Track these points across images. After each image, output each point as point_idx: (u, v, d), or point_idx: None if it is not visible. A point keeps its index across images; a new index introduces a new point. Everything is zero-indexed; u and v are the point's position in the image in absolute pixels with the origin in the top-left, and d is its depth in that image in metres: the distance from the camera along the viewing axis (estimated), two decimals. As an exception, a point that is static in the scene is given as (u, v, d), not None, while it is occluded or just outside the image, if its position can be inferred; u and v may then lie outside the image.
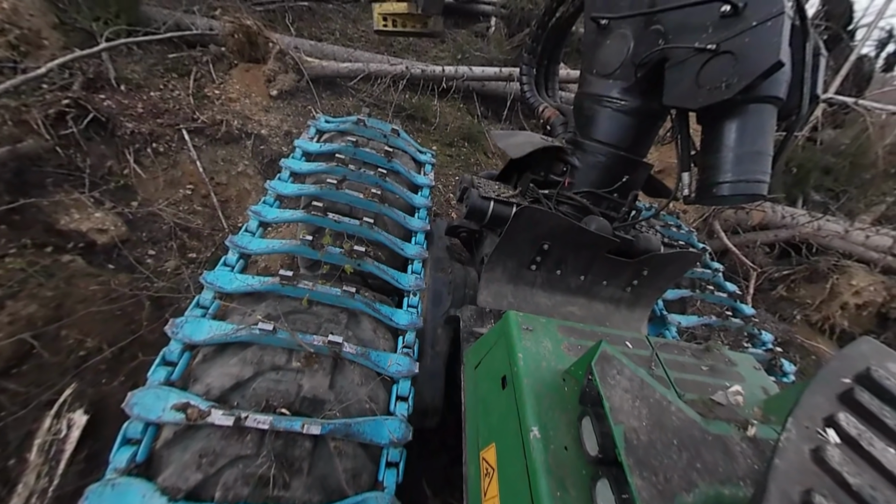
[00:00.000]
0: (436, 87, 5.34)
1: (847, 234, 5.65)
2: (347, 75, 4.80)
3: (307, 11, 5.96)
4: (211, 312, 1.41)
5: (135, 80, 3.82)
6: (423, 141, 5.03)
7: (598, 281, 1.90)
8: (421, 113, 5.23)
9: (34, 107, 3.11)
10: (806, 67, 1.28)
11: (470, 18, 8.42)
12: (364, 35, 6.46)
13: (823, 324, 4.55)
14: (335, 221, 1.80)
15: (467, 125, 5.47)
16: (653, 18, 1.47)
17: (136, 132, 3.53)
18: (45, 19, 3.66)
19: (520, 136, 2.09)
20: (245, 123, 4.04)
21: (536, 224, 1.65)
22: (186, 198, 3.63)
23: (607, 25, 1.69)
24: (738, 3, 1.18)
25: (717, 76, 1.24)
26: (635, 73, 1.56)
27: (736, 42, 1.19)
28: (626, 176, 1.81)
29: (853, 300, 4.33)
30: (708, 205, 1.60)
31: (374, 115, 4.88)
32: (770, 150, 1.33)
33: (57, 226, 2.74)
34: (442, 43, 7.37)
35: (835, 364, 0.92)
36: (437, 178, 4.55)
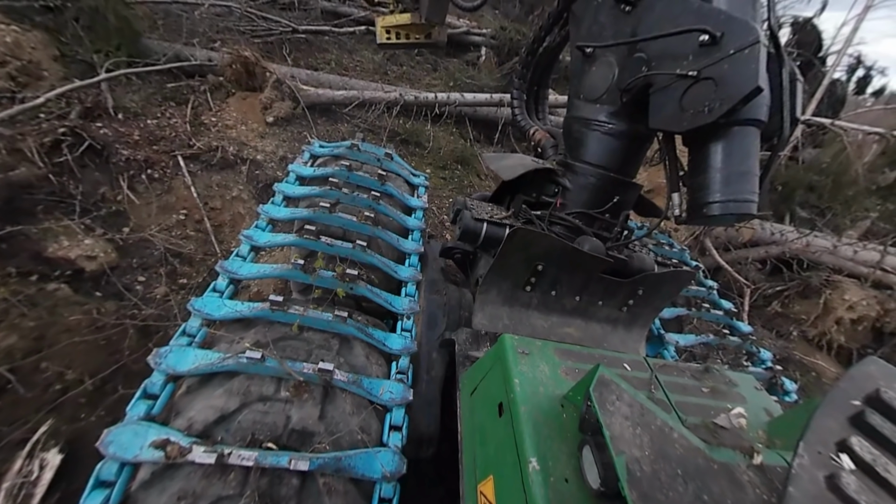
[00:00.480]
0: (429, 112, 5.49)
1: (836, 249, 5.74)
2: (342, 102, 4.93)
3: (304, 43, 6.18)
4: (197, 341, 1.36)
5: (132, 109, 3.88)
6: (416, 164, 5.11)
7: (594, 301, 1.89)
8: (415, 137, 5.34)
9: (29, 135, 3.13)
10: (784, 92, 1.33)
11: (461, 48, 8.79)
12: (359, 64, 6.69)
13: (820, 339, 4.53)
14: (328, 245, 1.78)
15: (460, 149, 5.58)
16: (636, 47, 1.52)
17: (131, 159, 3.55)
18: (46, 52, 3.74)
19: (512, 159, 2.12)
20: (241, 149, 4.09)
21: (530, 245, 1.66)
22: (179, 223, 3.61)
23: (592, 53, 1.75)
24: (715, 33, 1.22)
25: (699, 101, 1.27)
26: (621, 98, 1.60)
27: (716, 69, 1.23)
28: (617, 196, 1.83)
29: (848, 315, 4.34)
30: (699, 224, 1.62)
31: (368, 139, 4.98)
32: (756, 170, 1.36)
33: (44, 253, 2.70)
34: (434, 71, 7.65)
35: (843, 385, 0.90)
36: (431, 201, 4.59)
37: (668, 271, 1.94)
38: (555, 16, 2.05)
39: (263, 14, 5.84)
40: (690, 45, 1.29)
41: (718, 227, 5.32)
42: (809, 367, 4.47)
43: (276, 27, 5.79)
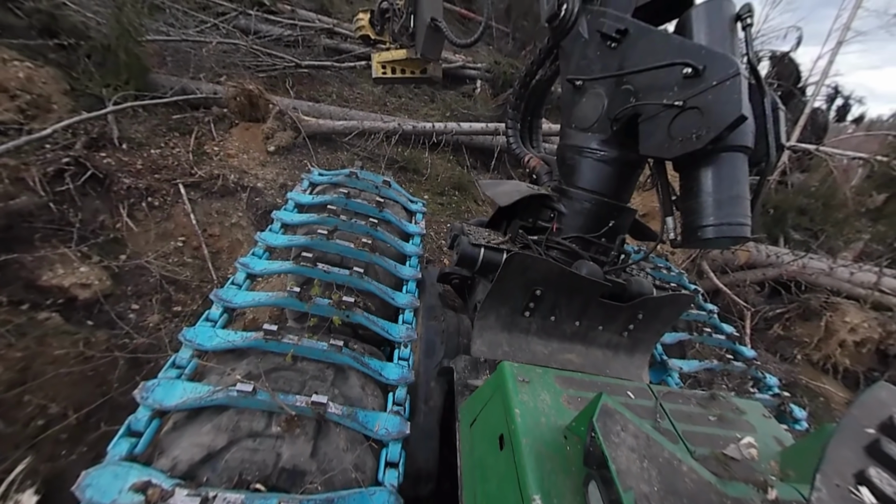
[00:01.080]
0: (426, 141, 5.64)
1: (832, 271, 5.77)
2: (342, 132, 5.07)
3: (306, 77, 6.43)
4: (187, 373, 1.32)
5: (137, 140, 3.97)
6: (414, 190, 5.19)
7: (594, 326, 1.88)
8: (413, 165, 5.46)
9: (33, 165, 3.18)
10: (767, 120, 1.38)
11: (458, 81, 9.17)
12: (359, 97, 6.94)
13: (825, 363, 4.45)
14: (324, 272, 1.77)
15: (457, 175, 5.70)
16: (623, 79, 1.57)
17: (132, 187, 3.60)
18: (57, 86, 3.87)
19: (507, 185, 2.14)
20: (241, 177, 4.16)
21: (527, 269, 1.65)
22: (177, 250, 3.61)
23: (582, 86, 1.81)
24: (697, 66, 1.28)
25: (687, 129, 1.32)
26: (611, 127, 1.64)
27: (700, 99, 1.28)
28: (612, 221, 1.85)
29: (850, 338, 4.29)
30: (695, 248, 1.60)
31: (367, 166, 5.08)
32: (747, 195, 1.39)
33: (38, 282, 2.67)
34: (432, 102, 7.93)
35: (855, 413, 0.88)
36: (429, 226, 4.62)
37: (667, 295, 1.94)
38: (546, 51, 2.14)
39: (268, 51, 6.11)
40: (675, 77, 1.34)
41: (714, 251, 5.36)
42: (817, 392, 4.37)
43: (280, 62, 6.04)
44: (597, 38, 1.69)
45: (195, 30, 5.76)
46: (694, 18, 1.44)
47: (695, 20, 1.43)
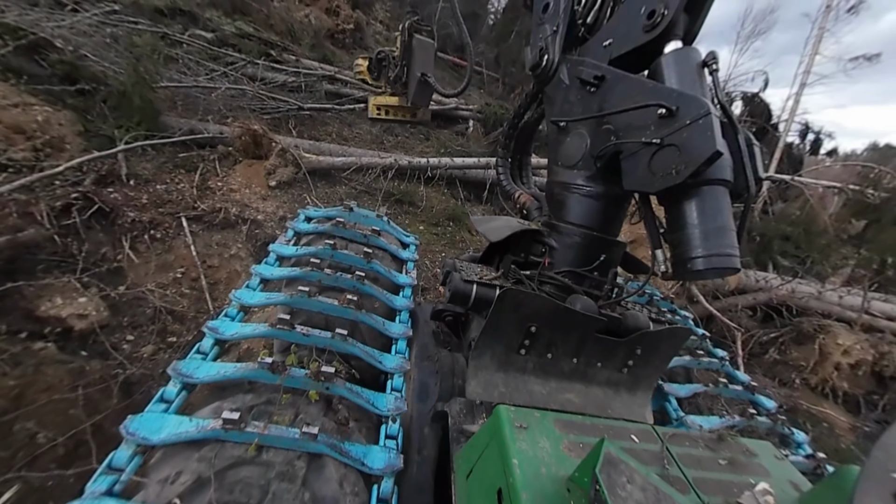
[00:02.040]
0: (422, 175, 5.91)
1: (821, 295, 5.88)
2: (341, 168, 5.32)
3: (308, 118, 6.83)
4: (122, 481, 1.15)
5: (144, 176, 4.15)
6: (410, 221, 5.36)
7: (592, 363, 1.83)
8: (408, 197, 5.67)
9: (42, 200, 3.31)
10: (743, 155, 1.44)
11: (451, 121, 9.72)
12: (358, 136, 7.32)
13: (823, 387, 4.43)
14: (303, 335, 1.62)
15: (451, 207, 5.91)
16: (603, 120, 1.65)
17: (136, 220, 3.72)
18: (71, 128, 4.11)
19: (498, 221, 2.16)
20: (243, 210, 4.31)
21: (521, 306, 1.63)
22: (175, 281, 3.66)
23: (566, 126, 1.89)
24: (671, 106, 1.36)
25: (666, 165, 1.39)
26: (595, 164, 1.71)
27: (676, 137, 1.35)
28: (603, 255, 1.87)
29: (844, 360, 4.31)
30: (687, 280, 1.57)
31: (364, 199, 5.28)
32: (732, 226, 1.42)
33: (36, 312, 2.70)
34: (427, 140, 8.35)
35: (878, 455, 0.84)
36: (425, 255, 4.73)
37: (664, 329, 1.92)
38: (532, 95, 2.27)
39: (273, 95, 6.54)
40: (651, 117, 1.43)
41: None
42: (819, 417, 4.31)
43: (283, 105, 6.44)
44: (577, 83, 1.80)
45: (205, 77, 6.19)
46: (664, 65, 1.54)
47: (665, 67, 1.53)
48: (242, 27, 8.83)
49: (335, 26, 11.50)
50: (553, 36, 1.92)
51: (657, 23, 1.52)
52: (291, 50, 8.81)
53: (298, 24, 10.59)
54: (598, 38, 1.78)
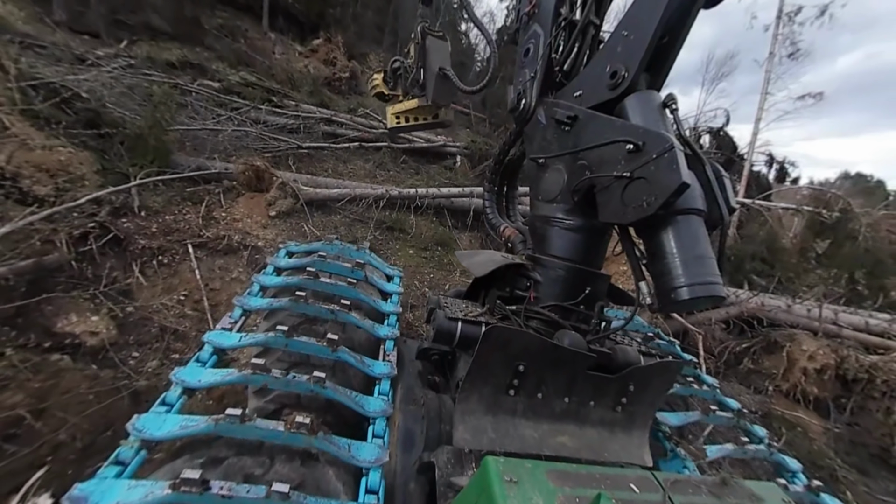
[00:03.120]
0: (411, 205, 6.37)
1: (790, 308, 6.25)
2: (337, 199, 5.76)
3: (306, 156, 7.39)
4: None
5: (154, 208, 4.52)
6: (400, 246, 5.73)
7: (585, 402, 1.75)
8: (399, 225, 6.09)
9: (62, 229, 3.64)
10: (713, 185, 1.50)
11: (440, 157, 10.43)
12: (352, 171, 7.87)
13: (795, 393, 4.66)
14: (277, 378, 1.57)
15: (440, 233, 6.32)
16: (578, 156, 1.72)
17: (146, 247, 4.04)
18: (90, 166, 4.51)
19: (482, 255, 2.16)
20: (244, 238, 4.66)
21: (507, 343, 1.58)
22: (179, 302, 3.92)
23: (544, 163, 1.95)
24: (637, 142, 1.43)
25: (637, 196, 1.43)
26: (573, 198, 1.75)
27: (645, 170, 1.40)
28: (588, 287, 1.84)
29: (810, 365, 4.58)
30: (674, 311, 1.52)
31: (356, 229, 5.66)
32: (711, 254, 1.43)
33: (54, 328, 2.94)
34: (417, 174, 8.95)
35: None
36: (414, 275, 5.06)
37: (656, 363, 1.88)
38: (515, 134, 2.37)
39: (274, 136, 7.12)
40: (620, 152, 1.50)
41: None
42: (793, 422, 4.50)
43: (283, 145, 7.01)
44: (553, 122, 1.88)
45: (212, 121, 6.78)
46: (628, 106, 1.62)
47: (629, 108, 1.62)
48: (246, 77, 9.67)
49: (332, 75, 12.55)
50: (531, 81, 2.02)
51: (619, 83, 1.62)
52: (291, 96, 9.61)
53: (298, 73, 11.58)
54: (571, 87, 1.89)
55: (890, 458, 4.13)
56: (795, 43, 10.98)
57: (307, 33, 16.06)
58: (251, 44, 12.85)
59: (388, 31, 20.17)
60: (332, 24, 16.87)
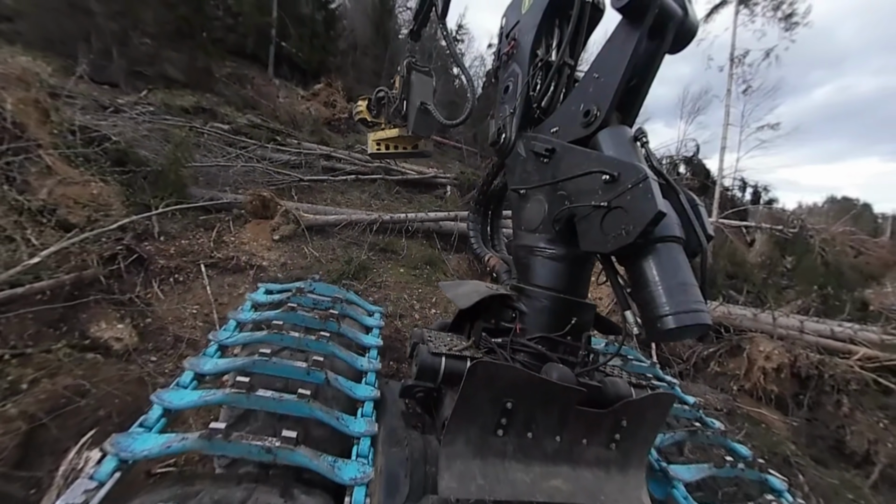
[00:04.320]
0: (403, 229, 6.98)
1: (756, 316, 6.74)
2: (334, 224, 6.37)
3: (307, 188, 8.10)
4: None
5: (172, 233, 5.09)
6: (392, 266, 6.26)
7: (577, 440, 1.67)
8: (391, 247, 6.66)
9: (94, 251, 4.17)
10: (689, 214, 1.52)
11: (431, 187, 11.22)
12: (349, 201, 8.56)
13: (757, 391, 5.04)
14: (239, 444, 1.48)
15: (428, 254, 6.88)
16: (557, 186, 1.74)
17: (164, 266, 4.56)
18: (118, 198, 5.13)
19: (466, 286, 2.10)
20: (251, 258, 5.19)
21: (494, 379, 1.50)
22: (192, 315, 4.38)
23: (525, 193, 1.97)
24: (613, 172, 1.46)
25: (616, 225, 1.44)
26: (554, 227, 1.76)
27: (621, 200, 1.42)
28: (574, 318, 1.82)
29: (767, 364, 5.00)
30: (663, 341, 1.58)
31: (351, 251, 6.21)
32: (693, 281, 1.43)
33: (88, 332, 3.39)
34: (409, 203, 9.66)
35: None
36: (404, 290, 5.55)
37: (648, 396, 1.81)
38: (497, 166, 2.44)
39: (278, 171, 7.86)
40: (597, 183, 1.52)
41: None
42: (757, 418, 4.85)
43: (287, 178, 7.72)
44: (532, 155, 1.92)
45: (223, 158, 7.53)
46: (602, 140, 1.67)
47: (602, 141, 1.67)
48: (253, 119, 10.62)
49: (332, 116, 13.66)
50: (511, 116, 2.08)
51: (591, 121, 1.69)
52: (294, 135, 10.53)
53: (300, 114, 12.65)
54: (549, 123, 1.96)
55: (845, 448, 4.46)
56: (747, 81, 12.23)
57: (309, 79, 17.49)
58: (257, 89, 14.07)
59: (384, 76, 21.83)
60: (333, 71, 18.41)
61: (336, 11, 22.57)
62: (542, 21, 2.00)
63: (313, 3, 21.04)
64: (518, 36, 2.11)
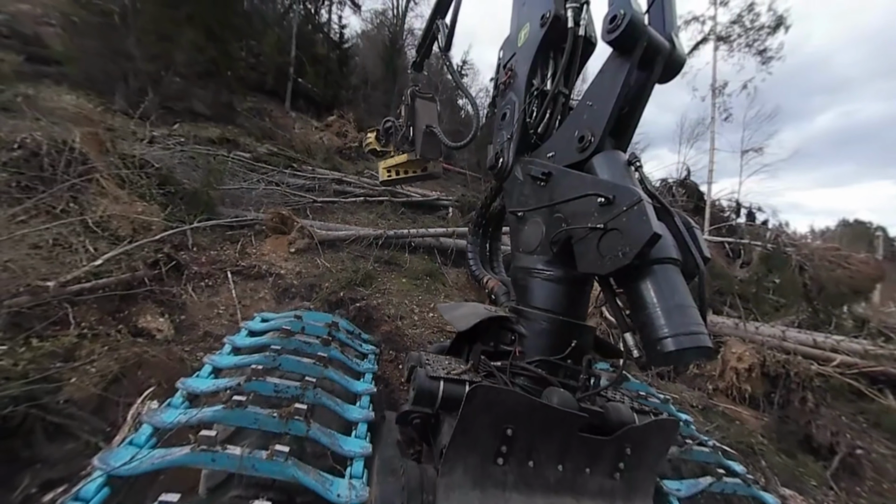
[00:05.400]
0: (406, 245, 7.66)
1: (737, 326, 7.15)
2: (344, 238, 7.07)
3: (320, 208, 8.90)
4: None
5: (203, 245, 5.82)
6: (395, 276, 6.87)
7: (580, 469, 1.61)
8: (395, 260, 7.31)
9: (139, 258, 4.88)
10: (684, 236, 1.52)
11: (434, 209, 12.00)
12: (357, 220, 9.32)
13: (731, 390, 5.42)
14: None
15: (429, 267, 7.50)
16: (554, 209, 1.74)
17: (197, 272, 5.24)
18: (158, 216, 5.91)
19: (465, 308, 2.08)
20: (270, 267, 5.86)
21: (494, 404, 1.46)
22: (218, 314, 5.01)
23: (523, 216, 1.98)
24: (608, 195, 1.45)
25: (613, 247, 1.43)
26: (552, 249, 1.76)
27: (617, 222, 1.41)
28: (574, 340, 1.79)
29: (739, 365, 5.40)
30: (663, 365, 1.67)
31: (358, 263, 6.87)
32: (691, 303, 1.41)
33: (137, 323, 4.03)
34: (413, 223, 10.40)
35: None
36: (405, 297, 6.14)
37: (652, 422, 1.76)
38: (496, 189, 2.48)
39: (294, 193, 8.71)
40: (593, 205, 1.52)
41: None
42: (732, 416, 5.20)
43: (302, 200, 8.55)
44: (529, 179, 1.94)
45: (246, 182, 8.40)
46: (597, 164, 1.69)
47: (597, 165, 1.69)
48: (271, 148, 11.67)
49: (343, 144, 14.78)
50: (508, 142, 2.14)
51: (586, 147, 1.73)
52: (308, 162, 11.51)
53: (314, 144, 13.76)
54: (545, 148, 2.00)
55: (813, 441, 4.78)
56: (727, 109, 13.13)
57: (323, 111, 18.92)
58: (275, 121, 15.35)
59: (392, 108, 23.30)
60: (345, 104, 19.89)
61: (349, 50, 24.51)
62: (538, 53, 2.07)
63: (328, 43, 23.00)
64: (515, 67, 2.20)
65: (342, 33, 24.02)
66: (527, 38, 2.13)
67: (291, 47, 19.26)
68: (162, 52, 11.89)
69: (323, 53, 21.65)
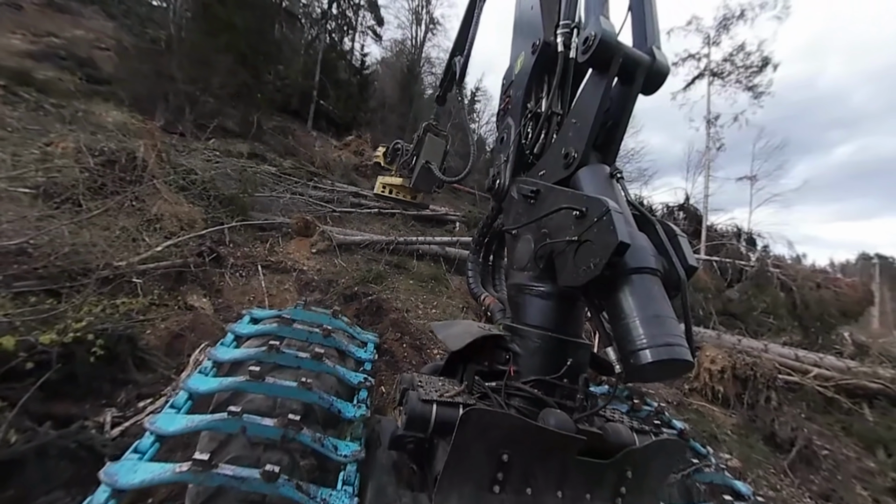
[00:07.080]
0: (413, 252, 8.43)
1: (719, 337, 7.66)
2: (359, 243, 7.89)
3: (338, 217, 9.82)
4: None
5: (238, 242, 6.68)
6: (403, 278, 7.61)
7: (580, 496, 1.56)
8: (403, 265, 8.07)
9: (186, 251, 5.73)
10: (666, 246, 1.54)
11: (442, 223, 12.84)
12: (371, 229, 10.18)
13: (705, 390, 5.92)
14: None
15: (434, 272, 8.23)
16: (540, 224, 1.80)
17: (233, 264, 6.06)
18: (201, 216, 6.82)
19: (458, 327, 2.09)
20: (294, 264, 6.67)
21: (488, 428, 1.42)
22: (249, 301, 5.78)
23: (517, 233, 2.03)
24: (581, 208, 1.53)
25: (586, 259, 1.48)
26: (538, 265, 1.80)
27: (589, 233, 1.48)
28: (570, 358, 1.77)
29: (712, 367, 5.92)
30: (642, 381, 1.65)
31: (370, 264, 7.65)
32: (670, 314, 1.40)
33: (186, 301, 4.82)
34: (422, 236, 11.21)
35: None
36: (411, 295, 6.85)
37: (653, 443, 1.72)
38: (495, 209, 2.53)
39: (316, 203, 9.66)
40: (570, 218, 1.58)
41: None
42: (704, 413, 5.68)
43: (322, 209, 9.47)
44: (521, 197, 2.00)
45: (273, 192, 9.38)
46: (581, 178, 1.77)
47: (582, 179, 1.77)
48: (294, 163, 12.78)
49: (360, 162, 15.90)
50: (505, 163, 2.22)
51: (570, 163, 1.80)
52: (328, 177, 12.56)
53: (333, 161, 14.90)
54: (538, 167, 2.08)
55: (777, 437, 5.23)
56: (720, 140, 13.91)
57: (342, 131, 20.31)
58: (297, 139, 16.64)
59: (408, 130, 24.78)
60: (363, 125, 21.30)
61: (369, 76, 26.26)
62: (531, 78, 2.16)
63: (350, 69, 24.82)
64: (512, 92, 2.30)
65: (363, 60, 25.96)
66: (522, 65, 2.26)
67: (316, 72, 20.92)
68: (200, 76, 13.30)
69: (345, 78, 23.36)
